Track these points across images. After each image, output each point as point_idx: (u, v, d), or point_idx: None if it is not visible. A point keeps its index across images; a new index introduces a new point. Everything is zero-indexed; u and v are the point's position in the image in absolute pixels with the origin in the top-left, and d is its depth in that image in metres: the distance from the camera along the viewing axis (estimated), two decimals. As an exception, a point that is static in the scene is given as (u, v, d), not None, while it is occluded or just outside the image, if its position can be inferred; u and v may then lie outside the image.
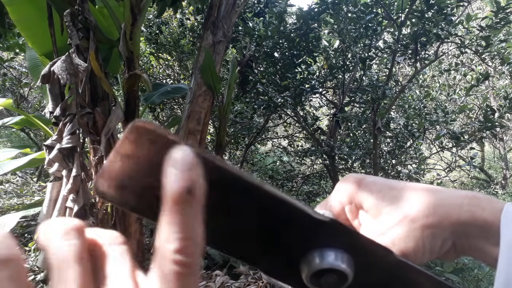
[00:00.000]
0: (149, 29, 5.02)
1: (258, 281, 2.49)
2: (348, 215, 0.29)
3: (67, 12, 1.91)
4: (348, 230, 0.22)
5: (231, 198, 0.20)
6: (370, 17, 3.17)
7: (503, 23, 2.81)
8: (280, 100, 3.91)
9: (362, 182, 0.28)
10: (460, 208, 0.24)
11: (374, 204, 0.26)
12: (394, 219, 0.25)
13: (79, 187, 1.90)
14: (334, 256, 0.21)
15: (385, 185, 0.27)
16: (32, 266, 2.42)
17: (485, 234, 0.23)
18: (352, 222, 0.29)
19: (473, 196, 0.24)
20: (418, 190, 0.26)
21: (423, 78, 5.38)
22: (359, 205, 0.28)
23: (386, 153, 4.04)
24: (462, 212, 0.24)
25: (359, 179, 0.28)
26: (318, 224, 0.21)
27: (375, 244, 0.22)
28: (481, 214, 0.23)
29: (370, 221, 0.27)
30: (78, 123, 1.92)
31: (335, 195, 0.29)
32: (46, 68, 1.83)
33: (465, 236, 0.24)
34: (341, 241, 0.22)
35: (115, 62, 2.64)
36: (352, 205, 0.28)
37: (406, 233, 0.24)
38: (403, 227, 0.25)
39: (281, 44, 3.72)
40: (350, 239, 0.22)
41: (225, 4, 2.85)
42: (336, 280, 0.21)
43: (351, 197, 0.28)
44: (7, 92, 6.77)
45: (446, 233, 0.24)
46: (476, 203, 0.24)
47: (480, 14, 5.44)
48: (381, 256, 0.22)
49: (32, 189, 4.44)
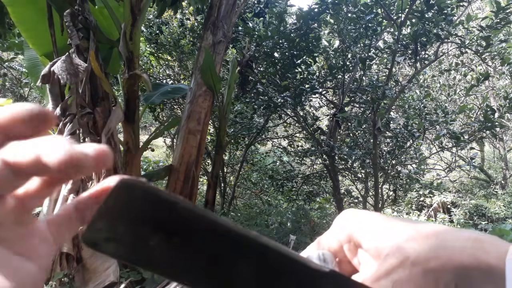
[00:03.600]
0: (149, 29, 5.03)
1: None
2: (347, 253, 0.28)
3: (67, 12, 1.91)
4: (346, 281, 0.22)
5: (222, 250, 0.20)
6: (370, 17, 3.17)
7: (503, 23, 2.81)
8: (280, 100, 3.91)
9: (361, 220, 0.27)
10: (463, 251, 0.23)
11: (374, 245, 0.26)
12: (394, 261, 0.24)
13: (79, 187, 1.90)
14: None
15: (385, 224, 0.26)
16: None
17: (490, 278, 0.22)
18: (351, 260, 0.28)
19: (476, 238, 0.24)
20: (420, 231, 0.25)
21: (423, 78, 5.39)
22: (358, 244, 0.27)
23: (386, 153, 4.05)
24: (465, 255, 0.23)
25: (357, 216, 0.27)
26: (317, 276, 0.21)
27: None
28: (485, 257, 0.22)
29: (369, 260, 0.27)
30: (78, 123, 1.92)
31: (333, 233, 0.29)
32: (46, 68, 1.83)
33: (469, 280, 0.23)
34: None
35: (115, 62, 2.64)
36: (351, 244, 0.28)
37: (407, 277, 0.24)
38: (404, 270, 0.24)
39: (281, 44, 3.72)
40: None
41: (225, 4, 2.85)
42: None
43: (349, 236, 0.27)
44: (7, 92, 6.77)
45: (448, 277, 0.23)
46: (480, 245, 0.23)
47: (480, 14, 5.44)
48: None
49: (32, 189, 4.43)
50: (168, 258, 0.20)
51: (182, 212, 0.19)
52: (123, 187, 0.19)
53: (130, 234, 0.20)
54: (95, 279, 2.04)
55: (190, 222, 0.20)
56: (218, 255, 0.21)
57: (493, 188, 7.40)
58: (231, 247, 0.20)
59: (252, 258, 0.21)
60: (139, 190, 0.19)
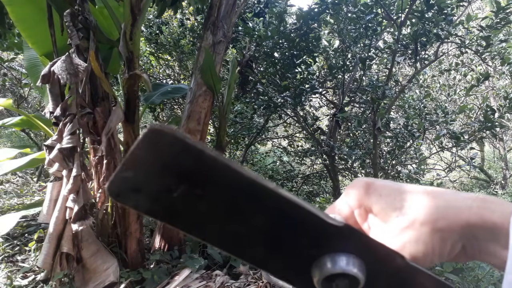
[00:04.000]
0: (149, 29, 5.02)
1: (258, 281, 2.49)
2: (358, 219, 0.29)
3: (67, 12, 1.91)
4: (360, 235, 0.22)
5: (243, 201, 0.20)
6: (370, 17, 3.17)
7: (503, 23, 2.81)
8: (280, 100, 3.91)
9: (371, 186, 0.28)
10: (469, 210, 0.24)
11: (383, 208, 0.26)
12: (403, 223, 0.25)
13: (79, 187, 1.90)
14: (346, 261, 0.21)
15: (394, 189, 0.27)
16: (32, 266, 2.42)
17: (495, 237, 0.23)
18: (361, 226, 0.29)
19: (482, 198, 0.24)
20: (427, 193, 0.26)
21: (423, 78, 5.38)
22: (368, 209, 0.28)
23: (386, 153, 4.05)
24: (472, 214, 0.23)
25: (368, 183, 0.28)
26: (331, 229, 0.21)
27: (386, 249, 0.22)
28: (490, 216, 0.23)
29: (379, 225, 0.27)
30: (78, 123, 1.92)
31: (345, 199, 0.29)
32: (46, 68, 1.83)
33: (474, 239, 0.24)
34: (353, 246, 0.22)
35: (115, 62, 2.64)
36: (362, 209, 0.28)
37: (416, 237, 0.24)
38: (412, 231, 0.25)
39: (281, 44, 3.72)
40: (362, 244, 0.22)
41: (225, 4, 2.85)
42: (347, 285, 0.21)
43: (360, 201, 0.28)
44: (7, 92, 6.77)
45: (455, 236, 0.24)
46: (486, 205, 0.24)
47: (480, 14, 5.44)
48: (392, 261, 0.23)
49: (32, 189, 4.44)
50: (188, 210, 0.20)
51: (207, 162, 0.19)
52: (151, 134, 0.18)
53: (155, 184, 0.19)
54: (95, 279, 2.04)
55: (213, 172, 0.19)
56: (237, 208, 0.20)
57: (493, 188, 7.40)
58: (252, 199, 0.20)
59: (271, 209, 0.21)
60: (167, 136, 0.18)
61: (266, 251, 0.22)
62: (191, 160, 0.19)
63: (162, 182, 0.19)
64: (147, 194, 0.20)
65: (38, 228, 2.81)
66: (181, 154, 0.19)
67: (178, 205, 0.20)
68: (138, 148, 0.19)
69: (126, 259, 2.32)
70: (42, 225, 2.76)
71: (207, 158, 0.19)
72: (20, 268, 2.43)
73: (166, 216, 0.21)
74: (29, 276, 2.30)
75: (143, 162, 0.19)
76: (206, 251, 2.82)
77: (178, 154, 0.19)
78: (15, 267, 2.46)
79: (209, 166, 0.19)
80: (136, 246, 2.37)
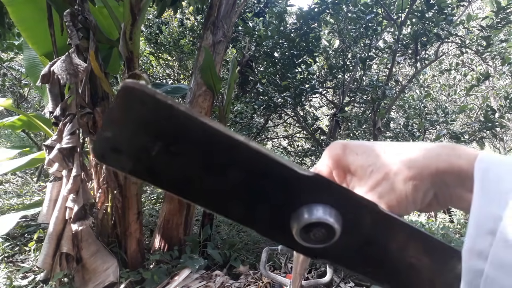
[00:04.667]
0: (149, 29, 5.02)
1: (258, 281, 2.49)
2: (336, 179, 0.30)
3: (67, 12, 1.91)
4: (334, 184, 0.22)
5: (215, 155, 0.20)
6: (370, 17, 3.17)
7: (504, 23, 2.81)
8: (280, 100, 3.91)
9: (347, 147, 0.29)
10: (438, 158, 0.25)
11: (360, 166, 0.28)
12: (378, 176, 0.26)
13: (79, 187, 1.89)
14: (322, 211, 0.22)
15: (369, 147, 0.28)
16: (32, 266, 2.42)
17: (462, 182, 0.24)
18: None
19: (451, 146, 0.26)
20: (399, 147, 0.27)
21: (423, 78, 5.38)
22: (346, 168, 0.29)
23: (386, 153, 4.03)
24: (440, 161, 0.25)
25: (344, 144, 0.29)
26: (304, 180, 0.22)
27: (362, 199, 0.23)
28: (457, 161, 0.24)
29: (357, 183, 0.28)
30: (78, 123, 1.92)
31: (323, 161, 0.30)
32: (46, 68, 1.83)
33: (445, 186, 0.25)
34: (327, 197, 0.22)
35: (115, 62, 2.64)
36: (339, 170, 0.29)
37: (389, 188, 0.25)
38: (387, 182, 0.26)
39: (281, 44, 3.72)
40: (337, 195, 0.22)
41: (225, 4, 2.85)
42: (324, 234, 0.22)
43: (337, 162, 0.29)
44: (7, 92, 6.77)
45: (427, 184, 0.25)
46: (453, 152, 0.25)
47: (480, 14, 5.44)
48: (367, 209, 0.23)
49: (32, 189, 4.44)
50: (168, 169, 0.20)
51: (178, 117, 0.19)
52: (123, 92, 0.18)
53: (133, 143, 0.20)
54: (95, 279, 2.03)
55: (184, 128, 0.19)
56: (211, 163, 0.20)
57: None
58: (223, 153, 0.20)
59: (243, 162, 0.21)
60: (138, 93, 0.18)
61: (246, 206, 0.22)
62: (162, 116, 0.19)
63: (139, 140, 0.19)
64: (127, 154, 0.20)
65: (38, 228, 2.80)
66: (152, 110, 0.19)
67: (158, 163, 0.20)
68: (114, 107, 0.19)
69: (126, 259, 2.32)
70: (42, 225, 2.76)
71: (177, 114, 0.19)
72: (20, 268, 2.43)
73: (149, 176, 0.21)
74: (29, 276, 2.30)
75: (118, 121, 0.19)
76: (206, 251, 2.82)
77: (149, 111, 0.19)
78: (15, 267, 2.46)
79: (180, 122, 0.19)
80: (136, 246, 2.37)
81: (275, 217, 0.22)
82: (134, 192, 2.30)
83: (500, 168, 0.21)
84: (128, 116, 0.19)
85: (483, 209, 0.20)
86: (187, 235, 2.85)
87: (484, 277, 0.19)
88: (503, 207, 0.19)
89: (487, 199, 0.20)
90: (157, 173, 0.20)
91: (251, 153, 0.20)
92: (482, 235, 0.20)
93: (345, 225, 0.22)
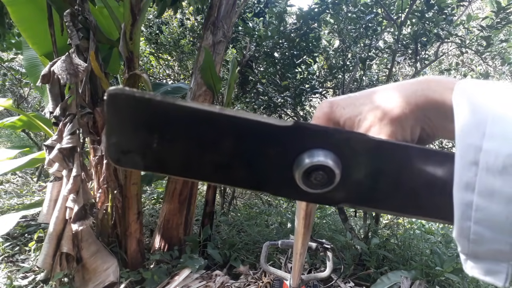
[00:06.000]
0: (149, 29, 5.03)
1: (258, 281, 2.49)
2: None
3: (67, 12, 1.91)
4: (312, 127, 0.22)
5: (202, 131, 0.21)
6: (370, 17, 3.17)
7: (504, 23, 2.81)
8: (280, 100, 3.91)
9: (334, 103, 0.30)
10: (416, 94, 0.26)
11: (348, 118, 0.28)
12: (366, 124, 0.27)
13: (79, 187, 1.90)
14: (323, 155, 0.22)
15: (353, 98, 0.29)
16: (32, 266, 2.42)
17: (444, 114, 0.25)
18: None
19: (424, 80, 0.26)
20: (379, 91, 0.28)
21: (423, 78, 5.37)
22: (336, 124, 0.30)
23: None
24: (418, 97, 0.25)
25: (331, 101, 0.30)
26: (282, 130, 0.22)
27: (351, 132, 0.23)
28: (433, 96, 0.25)
29: None
30: (78, 123, 1.92)
31: (314, 120, 0.31)
32: (46, 68, 1.83)
33: (428, 119, 0.26)
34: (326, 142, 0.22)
35: (115, 62, 2.64)
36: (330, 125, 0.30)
37: (378, 132, 0.26)
38: (374, 127, 0.26)
39: (281, 44, 3.72)
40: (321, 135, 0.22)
41: (225, 4, 2.85)
42: (324, 177, 0.22)
43: (327, 119, 0.30)
44: (7, 92, 6.77)
45: (411, 121, 0.26)
46: (428, 87, 0.25)
47: (480, 14, 5.44)
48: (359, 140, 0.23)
49: (32, 189, 4.44)
50: (172, 156, 0.22)
51: (158, 108, 0.20)
52: (108, 99, 0.20)
53: (135, 141, 0.21)
54: (95, 279, 2.04)
55: (167, 115, 0.21)
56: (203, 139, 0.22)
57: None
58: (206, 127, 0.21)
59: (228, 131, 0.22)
60: (120, 97, 0.20)
61: (248, 171, 0.23)
62: (147, 111, 0.20)
63: (138, 138, 0.21)
64: (136, 153, 0.21)
65: (38, 228, 2.81)
66: (136, 108, 0.20)
67: (161, 154, 0.22)
68: (107, 115, 0.21)
69: (126, 259, 2.32)
70: (42, 225, 2.76)
71: (157, 104, 0.20)
72: (20, 268, 2.43)
73: (160, 167, 0.22)
74: (29, 276, 2.30)
75: (116, 126, 0.21)
76: (206, 251, 2.82)
77: (134, 109, 0.20)
78: (15, 267, 2.46)
79: (162, 111, 0.21)
80: (136, 246, 2.37)
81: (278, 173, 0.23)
82: (134, 192, 2.30)
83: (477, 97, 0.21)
84: (121, 120, 0.21)
85: (464, 141, 0.20)
86: (187, 235, 2.85)
87: (474, 208, 0.20)
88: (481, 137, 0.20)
89: (467, 130, 0.21)
90: (165, 163, 0.22)
91: (228, 120, 0.21)
92: (466, 167, 0.20)
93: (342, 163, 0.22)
